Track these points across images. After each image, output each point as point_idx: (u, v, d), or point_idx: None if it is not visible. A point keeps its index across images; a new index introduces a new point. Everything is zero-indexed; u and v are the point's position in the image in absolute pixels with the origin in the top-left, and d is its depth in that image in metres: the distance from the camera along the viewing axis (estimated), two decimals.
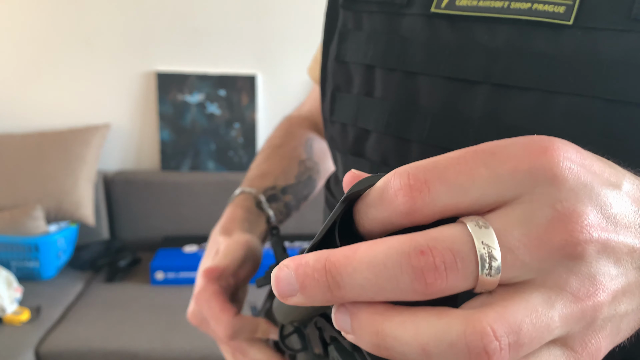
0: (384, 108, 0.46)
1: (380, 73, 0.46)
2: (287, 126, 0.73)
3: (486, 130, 0.40)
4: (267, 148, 0.70)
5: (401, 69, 0.45)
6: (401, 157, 0.44)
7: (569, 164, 0.20)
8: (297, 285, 0.21)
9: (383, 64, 0.46)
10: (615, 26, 0.35)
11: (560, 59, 0.37)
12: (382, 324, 0.20)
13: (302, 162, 0.68)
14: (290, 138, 0.71)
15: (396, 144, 0.45)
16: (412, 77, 0.44)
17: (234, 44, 2.28)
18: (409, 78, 0.44)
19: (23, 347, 1.67)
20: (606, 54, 0.35)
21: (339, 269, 0.20)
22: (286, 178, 0.65)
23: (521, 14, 0.39)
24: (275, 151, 0.69)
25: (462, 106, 0.41)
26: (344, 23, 0.51)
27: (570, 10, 0.37)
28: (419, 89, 0.44)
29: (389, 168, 0.44)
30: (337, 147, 0.53)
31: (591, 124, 0.36)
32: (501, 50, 0.39)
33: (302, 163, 0.68)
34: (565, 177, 0.20)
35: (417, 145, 0.43)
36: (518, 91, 0.39)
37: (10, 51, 2.27)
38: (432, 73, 0.43)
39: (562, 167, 0.20)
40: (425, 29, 0.43)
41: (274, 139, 0.71)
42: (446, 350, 0.19)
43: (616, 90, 0.35)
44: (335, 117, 0.52)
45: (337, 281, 0.20)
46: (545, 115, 0.37)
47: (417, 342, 0.19)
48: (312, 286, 0.20)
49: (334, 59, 0.51)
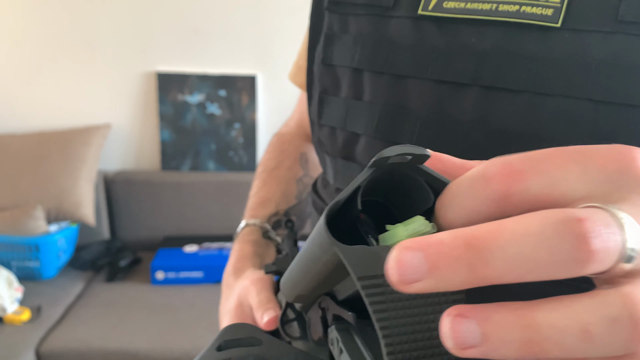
0: (373, 112, 0.45)
1: (368, 76, 0.46)
2: (278, 145, 0.72)
3: (476, 133, 0.40)
4: (263, 172, 0.69)
5: (389, 72, 0.44)
6: None
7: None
8: (427, 266, 0.19)
9: (371, 68, 0.46)
10: (603, 28, 0.36)
11: (549, 61, 0.37)
12: (532, 314, 0.18)
13: (299, 180, 0.67)
14: (284, 157, 0.70)
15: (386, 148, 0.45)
16: (400, 80, 0.44)
17: (234, 44, 2.28)
18: (397, 81, 0.44)
19: (23, 346, 1.67)
20: (594, 56, 0.36)
21: (487, 242, 0.18)
22: (287, 200, 0.64)
23: (509, 17, 0.39)
24: (272, 174, 0.68)
25: (451, 109, 0.41)
26: (330, 26, 0.50)
27: (558, 12, 0.37)
28: (407, 93, 0.43)
29: None
30: (325, 151, 0.53)
31: (580, 125, 0.36)
32: (490, 53, 0.39)
33: (300, 181, 0.67)
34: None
35: None
36: (507, 93, 0.39)
37: (11, 51, 2.27)
38: (421, 76, 0.43)
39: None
40: (413, 31, 0.43)
41: (268, 162, 0.70)
42: (609, 327, 0.18)
43: (604, 91, 0.35)
44: (323, 120, 0.51)
45: (484, 257, 0.18)
46: (534, 117, 0.38)
47: (578, 325, 0.18)
48: (448, 266, 0.18)
49: (321, 62, 0.51)
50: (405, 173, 0.26)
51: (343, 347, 0.31)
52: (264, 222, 0.61)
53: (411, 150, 0.25)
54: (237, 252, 0.58)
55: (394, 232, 0.25)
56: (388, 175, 0.26)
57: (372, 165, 0.24)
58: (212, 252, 2.14)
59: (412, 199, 0.27)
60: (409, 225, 0.25)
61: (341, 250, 0.24)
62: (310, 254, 0.28)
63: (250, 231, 0.60)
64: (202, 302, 1.93)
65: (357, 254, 0.24)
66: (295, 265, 0.32)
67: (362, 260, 0.24)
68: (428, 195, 0.26)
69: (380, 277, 0.24)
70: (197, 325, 1.79)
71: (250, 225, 0.61)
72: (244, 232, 0.60)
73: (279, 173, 0.68)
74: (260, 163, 0.71)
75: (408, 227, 0.25)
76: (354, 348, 0.31)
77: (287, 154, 0.70)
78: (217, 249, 2.15)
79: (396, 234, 0.25)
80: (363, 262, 0.24)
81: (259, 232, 0.60)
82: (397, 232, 0.25)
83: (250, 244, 0.58)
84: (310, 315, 0.37)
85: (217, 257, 2.09)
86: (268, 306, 0.47)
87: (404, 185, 0.27)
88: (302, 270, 0.31)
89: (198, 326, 1.79)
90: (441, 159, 0.27)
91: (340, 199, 0.24)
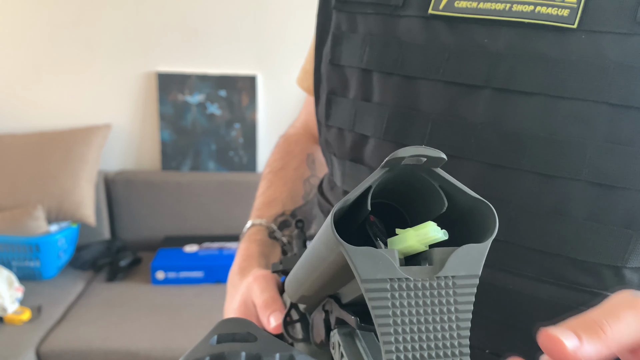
0: (382, 113, 0.44)
1: (377, 77, 0.45)
2: (285, 146, 0.72)
3: (488, 136, 0.39)
4: (269, 173, 0.68)
5: (399, 73, 0.43)
6: None
7: None
8: None
9: (380, 68, 0.45)
10: (620, 29, 0.35)
11: (565, 63, 0.36)
12: None
13: (306, 180, 0.66)
14: (290, 158, 0.69)
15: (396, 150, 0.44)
16: (410, 81, 0.43)
17: (234, 44, 2.28)
18: (407, 82, 0.43)
19: (24, 346, 1.67)
20: (611, 58, 0.35)
21: None
22: (294, 201, 0.64)
23: (524, 17, 0.38)
24: (278, 175, 0.67)
25: (463, 111, 0.40)
26: (338, 25, 0.49)
27: (575, 13, 0.36)
28: (418, 94, 0.42)
29: None
30: (333, 152, 0.52)
31: (596, 128, 0.35)
32: (503, 54, 0.38)
33: (307, 181, 0.66)
34: None
35: None
36: (521, 96, 0.38)
37: (12, 51, 2.28)
38: (432, 77, 0.42)
39: None
40: (423, 31, 0.42)
41: (274, 162, 0.70)
42: None
43: (622, 94, 0.34)
44: (331, 121, 0.50)
45: None
46: (549, 120, 0.37)
47: None
48: None
49: (328, 62, 0.50)
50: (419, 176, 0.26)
51: (344, 351, 0.31)
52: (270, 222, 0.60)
53: (426, 152, 0.24)
54: (243, 252, 0.57)
55: (403, 236, 0.25)
56: (401, 177, 0.26)
57: (384, 165, 0.23)
58: (212, 252, 2.14)
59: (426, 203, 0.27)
60: (420, 230, 0.25)
61: (347, 251, 0.23)
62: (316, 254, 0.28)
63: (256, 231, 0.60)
64: (202, 302, 1.93)
65: (363, 255, 0.23)
66: (301, 265, 0.31)
67: (368, 263, 0.23)
68: (442, 200, 0.26)
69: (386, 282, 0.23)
70: (198, 325, 1.80)
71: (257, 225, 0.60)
72: (250, 231, 0.60)
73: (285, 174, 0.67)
74: (266, 164, 0.71)
75: (419, 232, 0.25)
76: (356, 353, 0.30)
77: (293, 155, 0.69)
78: (217, 249, 2.16)
79: (406, 238, 0.25)
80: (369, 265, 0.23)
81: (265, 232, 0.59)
82: (407, 236, 0.25)
83: (256, 244, 0.58)
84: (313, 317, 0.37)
85: (218, 257, 2.09)
86: (274, 307, 0.46)
87: (417, 189, 0.27)
88: (307, 270, 0.30)
89: (198, 326, 1.79)
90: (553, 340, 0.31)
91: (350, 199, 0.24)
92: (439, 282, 0.24)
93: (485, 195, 0.38)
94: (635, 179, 0.34)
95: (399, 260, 0.24)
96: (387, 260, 0.23)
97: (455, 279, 0.24)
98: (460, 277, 0.24)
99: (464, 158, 0.40)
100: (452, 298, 0.24)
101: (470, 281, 0.25)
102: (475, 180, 0.39)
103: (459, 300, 0.24)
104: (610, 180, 0.35)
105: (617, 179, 0.34)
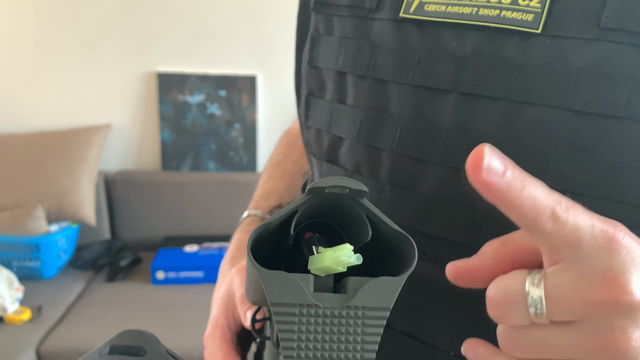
0: (355, 116, 0.44)
1: (351, 80, 0.45)
2: (286, 140, 0.72)
3: (455, 141, 0.39)
4: (269, 166, 0.69)
5: (371, 76, 0.43)
6: (372, 166, 0.43)
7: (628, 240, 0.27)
8: None
9: (354, 71, 0.45)
10: (584, 35, 0.34)
11: (529, 68, 0.36)
12: None
13: (306, 173, 0.66)
14: (290, 151, 0.69)
15: (367, 153, 0.44)
16: (382, 84, 0.43)
17: (235, 44, 2.28)
18: (379, 85, 0.43)
19: (24, 346, 1.68)
20: (575, 64, 0.34)
21: None
22: (291, 194, 0.64)
23: (489, 21, 0.37)
24: (277, 168, 0.67)
25: (431, 115, 0.40)
26: (316, 27, 0.49)
27: (539, 17, 0.36)
28: (389, 97, 0.42)
29: (362, 176, 0.44)
30: (312, 153, 0.52)
31: (558, 135, 0.35)
32: (470, 58, 0.38)
33: (307, 174, 0.66)
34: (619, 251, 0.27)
35: (388, 155, 0.42)
36: (487, 101, 0.37)
37: (12, 51, 2.28)
38: (402, 81, 0.41)
39: (622, 242, 0.27)
40: (395, 34, 0.42)
41: (275, 156, 0.70)
42: None
43: (584, 101, 0.34)
44: (310, 122, 0.51)
45: None
46: (513, 125, 0.36)
47: None
48: None
49: (307, 63, 0.50)
50: (349, 204, 0.27)
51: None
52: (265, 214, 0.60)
53: (347, 183, 0.25)
54: (236, 242, 0.58)
55: (321, 257, 0.26)
56: (336, 203, 0.27)
57: (308, 192, 0.24)
58: (212, 252, 2.14)
59: (356, 229, 0.28)
60: (336, 252, 0.26)
61: (259, 273, 0.25)
62: (249, 268, 0.29)
63: (251, 221, 0.60)
64: (202, 302, 1.93)
65: (275, 279, 0.24)
66: (246, 274, 0.33)
67: (278, 287, 0.24)
68: (367, 229, 0.27)
69: (295, 306, 0.24)
70: (198, 325, 1.80)
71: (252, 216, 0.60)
72: (245, 222, 0.60)
73: (284, 166, 0.67)
74: (268, 159, 0.71)
75: (335, 254, 0.26)
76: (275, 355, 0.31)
77: (293, 148, 0.70)
78: (217, 249, 2.16)
79: (322, 259, 0.26)
80: (279, 289, 0.24)
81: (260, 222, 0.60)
82: (324, 257, 0.26)
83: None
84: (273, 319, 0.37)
85: (218, 257, 2.09)
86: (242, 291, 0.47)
87: (351, 215, 0.28)
88: (248, 280, 0.32)
89: (198, 326, 1.79)
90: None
91: (272, 222, 0.25)
92: (348, 312, 0.25)
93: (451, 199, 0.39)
94: (597, 186, 0.34)
95: (313, 286, 0.25)
96: (298, 286, 0.24)
97: (366, 309, 0.25)
98: (370, 309, 0.25)
99: (431, 162, 0.40)
100: (360, 328, 0.25)
101: (380, 313, 0.25)
102: (442, 185, 0.39)
103: (367, 331, 0.25)
104: (572, 187, 0.34)
105: (579, 185, 0.34)
